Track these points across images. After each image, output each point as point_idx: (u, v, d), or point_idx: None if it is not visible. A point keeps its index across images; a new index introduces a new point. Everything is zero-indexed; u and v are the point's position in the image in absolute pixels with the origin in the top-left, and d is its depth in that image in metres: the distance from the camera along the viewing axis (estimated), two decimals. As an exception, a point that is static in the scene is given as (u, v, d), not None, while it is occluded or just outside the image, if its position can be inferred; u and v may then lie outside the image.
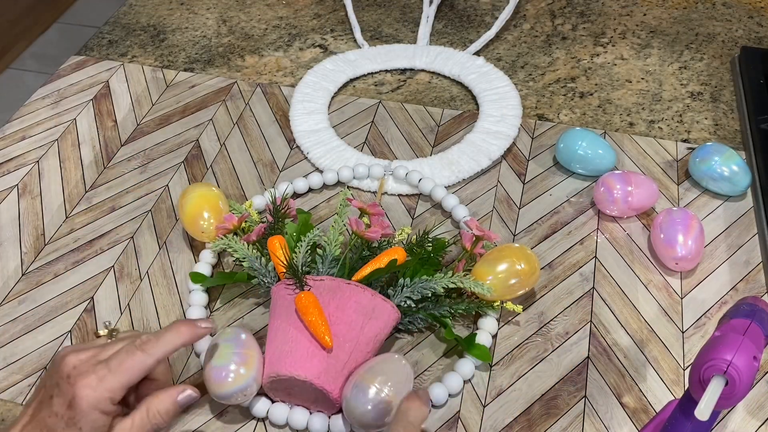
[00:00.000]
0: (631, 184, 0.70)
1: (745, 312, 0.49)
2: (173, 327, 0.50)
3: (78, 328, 0.65)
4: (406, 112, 0.85)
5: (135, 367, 0.47)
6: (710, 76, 0.89)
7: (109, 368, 0.47)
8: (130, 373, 0.47)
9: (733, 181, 0.73)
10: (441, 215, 0.74)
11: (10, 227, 0.73)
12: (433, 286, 0.61)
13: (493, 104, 0.84)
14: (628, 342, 0.63)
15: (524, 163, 0.79)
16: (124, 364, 0.47)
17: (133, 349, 0.48)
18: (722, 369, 0.45)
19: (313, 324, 0.56)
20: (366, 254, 0.64)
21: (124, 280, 0.68)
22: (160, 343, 0.48)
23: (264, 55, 0.94)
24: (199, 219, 0.67)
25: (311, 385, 0.55)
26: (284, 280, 0.60)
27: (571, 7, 1.01)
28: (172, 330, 0.49)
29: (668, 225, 0.67)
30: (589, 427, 0.58)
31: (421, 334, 0.64)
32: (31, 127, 0.84)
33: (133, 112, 0.86)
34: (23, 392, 0.60)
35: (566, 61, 0.92)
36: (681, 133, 0.82)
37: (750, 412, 0.59)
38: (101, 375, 0.46)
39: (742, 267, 0.68)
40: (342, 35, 0.97)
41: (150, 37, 0.97)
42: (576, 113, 0.85)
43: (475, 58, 0.90)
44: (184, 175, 0.78)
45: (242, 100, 0.87)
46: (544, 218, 0.73)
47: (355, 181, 0.77)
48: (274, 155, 0.80)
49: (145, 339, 0.48)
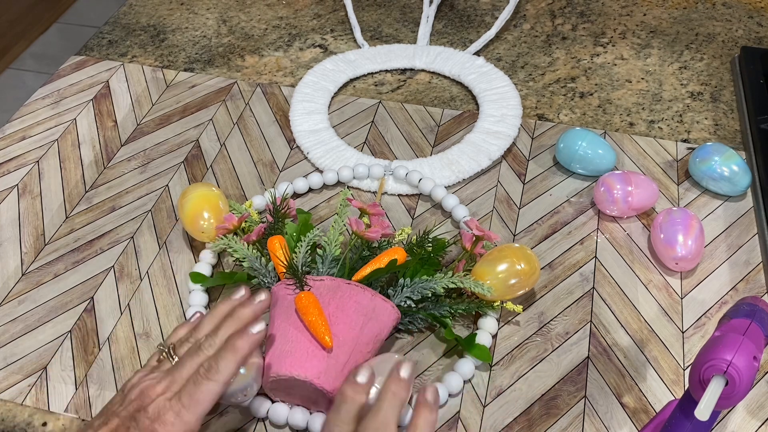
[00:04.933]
0: (631, 184, 0.71)
1: (745, 312, 0.49)
2: (229, 345, 0.50)
3: (78, 328, 0.65)
4: (406, 112, 0.85)
5: (206, 398, 0.49)
6: (710, 76, 0.89)
7: (182, 404, 0.48)
8: (202, 404, 0.49)
9: (733, 181, 0.73)
10: (441, 215, 0.74)
11: (10, 227, 0.73)
12: (433, 286, 0.61)
13: (493, 104, 0.84)
14: (628, 342, 0.63)
15: (524, 163, 0.79)
16: (195, 397, 0.49)
17: (200, 380, 0.49)
18: (722, 369, 0.45)
19: (313, 324, 0.56)
20: (366, 254, 0.64)
21: (124, 280, 0.68)
22: (222, 367, 0.49)
23: (264, 55, 0.94)
24: (199, 219, 0.67)
25: (311, 385, 0.55)
26: (284, 280, 0.60)
27: (571, 7, 1.01)
28: (228, 348, 0.50)
29: (668, 225, 0.67)
30: (589, 427, 0.58)
31: (421, 334, 0.64)
32: (31, 127, 0.84)
33: (133, 112, 0.86)
34: (23, 392, 0.60)
35: (566, 61, 0.92)
36: (681, 133, 0.82)
37: (750, 412, 0.59)
38: (177, 410, 0.48)
39: (742, 267, 0.68)
40: (342, 35, 0.97)
41: (150, 37, 0.98)
42: (576, 113, 0.85)
43: (475, 58, 0.90)
44: (184, 175, 0.78)
45: (242, 100, 0.87)
46: (544, 218, 0.73)
47: (355, 181, 0.77)
48: (274, 155, 0.80)
49: (207, 367, 0.49)
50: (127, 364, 0.62)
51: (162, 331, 0.64)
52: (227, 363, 0.50)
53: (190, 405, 0.48)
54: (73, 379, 0.61)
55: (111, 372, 0.61)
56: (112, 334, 0.64)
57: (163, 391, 0.49)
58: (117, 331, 0.64)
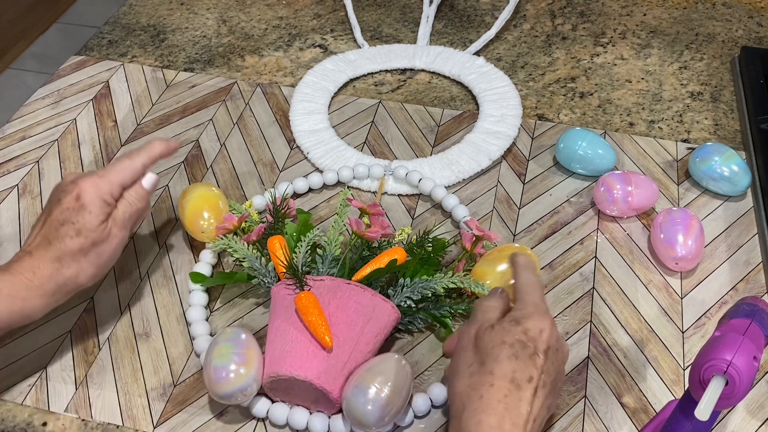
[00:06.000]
0: (631, 184, 0.70)
1: (745, 312, 0.49)
2: (149, 143, 0.62)
3: (78, 328, 0.65)
4: (406, 112, 0.85)
5: (125, 168, 0.60)
6: (710, 76, 0.89)
7: (105, 170, 0.59)
8: (122, 173, 0.59)
9: (733, 181, 0.73)
10: (441, 215, 0.74)
11: (10, 227, 0.73)
12: (433, 286, 0.61)
13: (493, 104, 0.84)
14: (628, 342, 0.63)
15: (524, 163, 0.79)
16: (116, 167, 0.59)
17: (121, 158, 0.61)
18: (722, 369, 0.45)
19: (313, 324, 0.56)
20: (366, 254, 0.64)
21: (124, 280, 0.68)
22: (142, 153, 0.61)
23: (264, 55, 0.94)
24: (199, 219, 0.67)
25: (311, 385, 0.55)
26: (284, 280, 0.60)
27: (571, 7, 1.01)
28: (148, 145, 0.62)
29: (668, 225, 0.67)
30: (589, 427, 0.58)
31: (421, 334, 0.64)
32: (31, 127, 0.84)
33: (133, 112, 0.86)
34: (23, 392, 0.60)
35: (566, 61, 0.92)
36: (681, 133, 0.82)
37: (750, 412, 0.59)
38: (100, 175, 0.58)
39: (742, 267, 0.68)
40: (342, 35, 0.97)
41: (150, 37, 0.98)
42: (576, 113, 0.85)
43: (475, 58, 0.90)
44: (184, 175, 0.78)
45: (242, 100, 0.87)
46: (544, 218, 0.73)
47: (355, 181, 0.77)
48: (274, 155, 0.80)
49: (129, 152, 0.61)
50: (127, 364, 0.62)
51: (162, 331, 0.64)
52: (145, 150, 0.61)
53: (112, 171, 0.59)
54: (73, 379, 0.61)
55: (111, 372, 0.61)
56: (112, 334, 0.64)
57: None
58: (117, 331, 0.64)
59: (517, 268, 0.55)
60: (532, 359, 0.46)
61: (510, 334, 0.47)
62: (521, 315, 0.49)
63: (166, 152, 0.63)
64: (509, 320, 0.48)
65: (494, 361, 0.45)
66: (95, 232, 0.56)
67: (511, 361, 0.45)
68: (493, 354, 0.46)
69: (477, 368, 0.46)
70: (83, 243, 0.56)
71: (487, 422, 0.42)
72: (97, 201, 0.57)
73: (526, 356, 0.46)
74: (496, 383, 0.44)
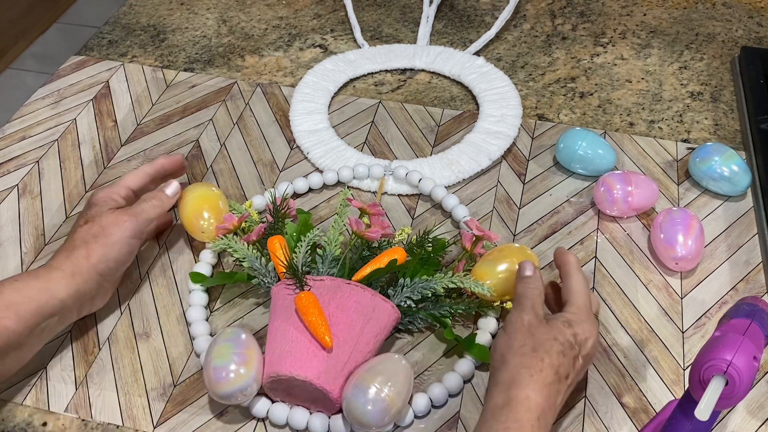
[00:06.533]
0: (631, 184, 0.70)
1: (745, 312, 0.49)
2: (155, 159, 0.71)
3: (78, 328, 0.65)
4: (406, 112, 0.85)
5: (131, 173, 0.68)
6: (710, 76, 0.89)
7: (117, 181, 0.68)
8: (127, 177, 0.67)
9: (733, 181, 0.73)
10: (441, 215, 0.74)
11: (10, 227, 0.73)
12: (433, 286, 0.61)
13: (493, 104, 0.84)
14: (628, 342, 0.63)
15: (524, 163, 0.79)
16: (124, 175, 0.68)
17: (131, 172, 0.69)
18: (722, 369, 0.45)
19: (313, 324, 0.56)
20: (366, 254, 0.64)
21: (125, 280, 0.68)
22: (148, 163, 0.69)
23: (264, 55, 0.94)
24: (199, 219, 0.67)
25: (311, 385, 0.55)
26: (284, 280, 0.60)
27: (571, 7, 1.01)
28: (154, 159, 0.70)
29: (668, 225, 0.67)
30: (589, 427, 0.58)
31: (421, 334, 0.64)
32: (31, 127, 0.84)
33: (133, 112, 0.86)
34: (23, 392, 0.60)
35: (566, 61, 0.92)
36: (681, 133, 0.82)
37: (750, 412, 0.59)
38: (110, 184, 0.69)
39: (742, 267, 0.68)
40: (342, 35, 0.97)
41: (150, 37, 0.97)
42: (576, 113, 0.85)
43: (475, 58, 0.90)
44: (184, 175, 0.78)
45: (242, 100, 0.87)
46: (544, 218, 0.73)
47: (355, 181, 0.77)
48: (274, 155, 0.80)
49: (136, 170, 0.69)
50: (127, 364, 0.62)
51: (162, 331, 0.64)
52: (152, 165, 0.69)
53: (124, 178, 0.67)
54: (73, 379, 0.61)
55: (111, 372, 0.61)
56: (112, 334, 0.64)
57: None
58: (117, 331, 0.64)
59: (570, 269, 0.58)
60: (575, 360, 0.53)
61: (562, 334, 0.53)
62: (574, 319, 0.55)
63: (169, 165, 0.70)
64: (563, 321, 0.54)
65: (545, 352, 0.52)
66: (102, 217, 0.62)
67: (559, 356, 0.52)
68: (545, 346, 0.52)
69: (529, 351, 0.52)
70: (91, 226, 0.62)
71: (534, 399, 0.50)
72: (104, 197, 0.65)
73: (571, 356, 0.53)
74: (545, 370, 0.51)
